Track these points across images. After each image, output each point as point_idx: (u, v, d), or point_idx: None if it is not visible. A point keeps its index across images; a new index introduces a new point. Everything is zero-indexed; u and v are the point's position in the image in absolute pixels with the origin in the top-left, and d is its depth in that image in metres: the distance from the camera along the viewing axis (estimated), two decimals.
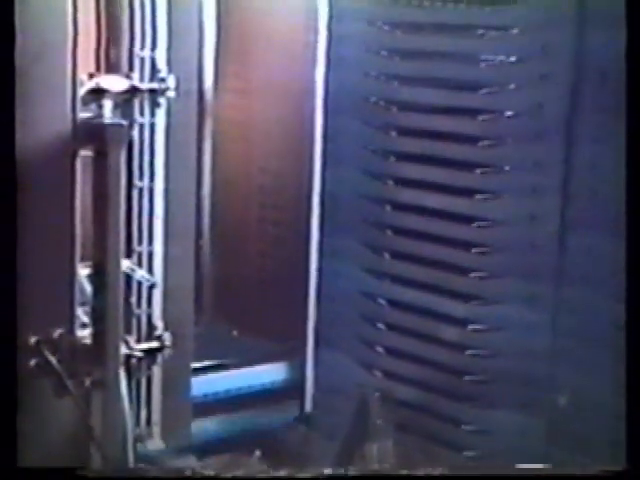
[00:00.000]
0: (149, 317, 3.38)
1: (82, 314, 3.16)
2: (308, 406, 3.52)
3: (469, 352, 2.96)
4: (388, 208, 3.11)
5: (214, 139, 4.00)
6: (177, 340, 3.34)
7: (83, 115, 3.10)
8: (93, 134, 3.10)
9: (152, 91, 3.33)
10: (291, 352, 3.69)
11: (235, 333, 4.00)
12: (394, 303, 3.12)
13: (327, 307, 3.30)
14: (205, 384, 3.65)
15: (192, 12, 3.45)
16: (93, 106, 3.18)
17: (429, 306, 3.03)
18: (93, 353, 3.10)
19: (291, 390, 3.68)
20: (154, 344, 3.32)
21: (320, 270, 3.34)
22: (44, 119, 2.99)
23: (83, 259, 3.13)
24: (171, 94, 3.35)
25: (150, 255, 3.37)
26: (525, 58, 2.75)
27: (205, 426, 3.59)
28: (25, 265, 2.96)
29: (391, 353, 3.13)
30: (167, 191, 3.39)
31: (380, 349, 3.16)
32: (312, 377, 3.45)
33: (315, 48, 3.50)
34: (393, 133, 3.08)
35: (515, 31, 2.76)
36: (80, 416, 3.03)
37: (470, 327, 2.95)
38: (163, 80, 3.34)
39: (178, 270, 3.42)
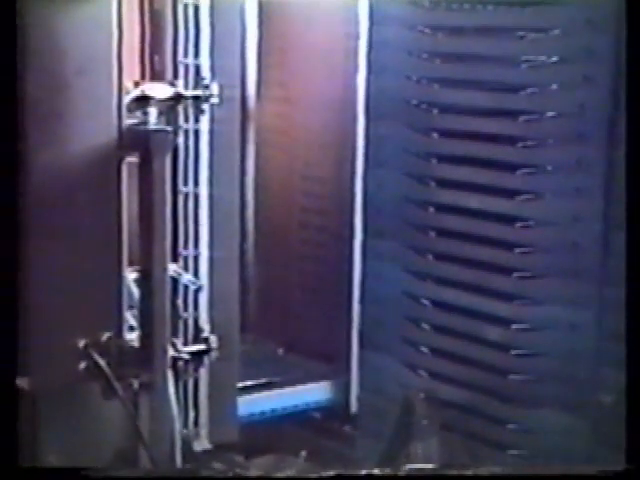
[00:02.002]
0: (195, 320, 3.41)
1: (130, 317, 3.20)
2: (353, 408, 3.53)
3: (513, 352, 2.96)
4: (431, 210, 3.10)
5: (257, 145, 4.04)
6: (223, 342, 3.37)
7: (129, 122, 3.15)
8: (139, 141, 3.14)
9: (196, 98, 3.37)
10: (336, 372, 3.69)
11: (280, 352, 4.01)
12: (438, 304, 3.11)
13: (371, 309, 3.29)
14: (251, 403, 3.66)
15: (234, 20, 3.50)
16: (138, 113, 3.23)
17: (472, 306, 3.03)
18: (141, 356, 3.14)
19: (337, 409, 3.68)
20: (201, 347, 3.35)
21: (364, 273, 3.34)
22: (91, 127, 3.05)
23: (131, 263, 3.18)
24: (214, 101, 3.39)
25: (196, 259, 3.41)
26: (566, 59, 2.75)
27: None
28: (74, 270, 3.01)
29: (435, 353, 3.13)
30: (211, 196, 3.42)
31: (424, 350, 3.15)
32: (357, 380, 3.46)
33: (356, 54, 3.52)
34: (435, 135, 3.08)
35: (556, 32, 2.76)
36: (128, 418, 3.07)
37: (513, 327, 2.94)
38: (207, 87, 3.38)
39: (223, 273, 3.45)
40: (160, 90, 3.30)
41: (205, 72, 3.39)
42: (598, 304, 2.78)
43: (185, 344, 3.35)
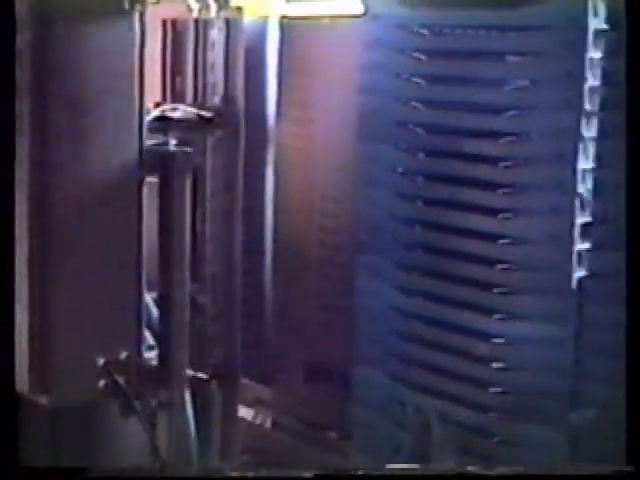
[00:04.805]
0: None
1: (149, 336, 3.23)
2: None
3: (494, 365, 3.00)
4: (418, 228, 3.17)
5: (276, 166, 4.06)
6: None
7: (149, 142, 3.17)
8: (159, 162, 3.17)
9: (216, 118, 3.39)
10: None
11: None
12: (425, 319, 3.17)
13: (364, 325, 3.34)
14: None
15: (255, 42, 3.53)
16: (159, 134, 3.25)
17: (456, 321, 3.07)
18: (159, 375, 3.16)
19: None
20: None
21: (356, 289, 3.41)
22: (112, 147, 3.07)
23: (150, 283, 3.20)
24: (235, 121, 3.41)
25: (214, 279, 3.43)
26: (546, 82, 2.82)
27: None
28: (94, 288, 3.04)
29: (422, 367, 3.18)
30: (231, 216, 3.45)
31: (413, 363, 3.21)
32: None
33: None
34: (421, 155, 3.15)
35: (536, 56, 2.83)
36: (146, 436, 3.09)
37: (494, 341, 2.99)
38: (227, 108, 3.41)
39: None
40: (180, 111, 3.34)
41: (226, 92, 3.42)
42: (575, 320, 2.82)
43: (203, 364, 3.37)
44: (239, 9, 3.50)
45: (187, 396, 3.22)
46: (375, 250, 3.29)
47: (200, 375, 3.31)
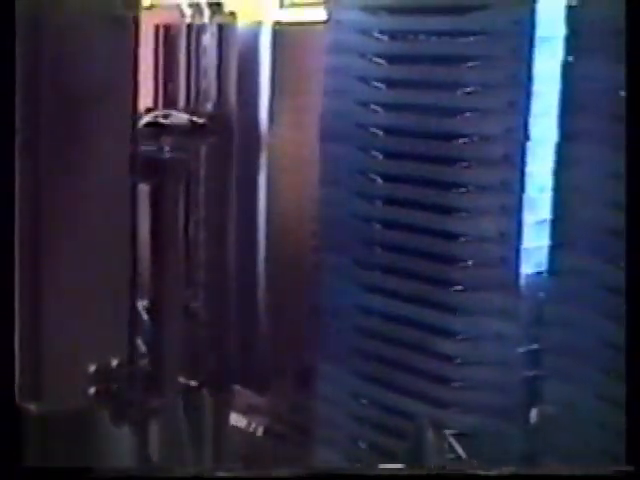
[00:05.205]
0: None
1: (141, 344, 3.21)
2: None
3: (451, 361, 3.07)
4: (377, 226, 3.24)
5: (269, 171, 4.05)
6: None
7: (142, 149, 3.16)
8: (152, 168, 3.16)
9: (209, 124, 3.39)
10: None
11: None
12: (385, 315, 3.24)
13: (328, 323, 3.41)
14: None
15: (248, 47, 3.52)
16: (152, 140, 3.25)
17: (415, 317, 3.14)
18: (151, 382, 3.15)
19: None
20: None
21: (318, 286, 3.48)
22: (105, 154, 3.06)
23: (142, 290, 3.19)
24: (227, 127, 3.41)
25: (207, 285, 3.43)
26: (494, 86, 2.91)
27: None
28: (86, 294, 3.03)
29: (382, 361, 3.24)
30: (224, 222, 3.44)
31: (374, 359, 3.27)
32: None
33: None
34: (380, 156, 3.22)
35: (484, 61, 2.93)
36: (137, 444, 3.08)
37: (451, 337, 3.07)
38: (219, 114, 3.40)
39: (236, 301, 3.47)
40: (173, 117, 3.33)
41: (218, 98, 3.41)
42: (528, 316, 2.89)
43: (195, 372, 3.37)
44: (232, 15, 3.50)
45: (179, 403, 3.21)
46: (337, 249, 3.34)
47: (192, 382, 3.30)
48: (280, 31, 3.94)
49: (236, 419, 3.79)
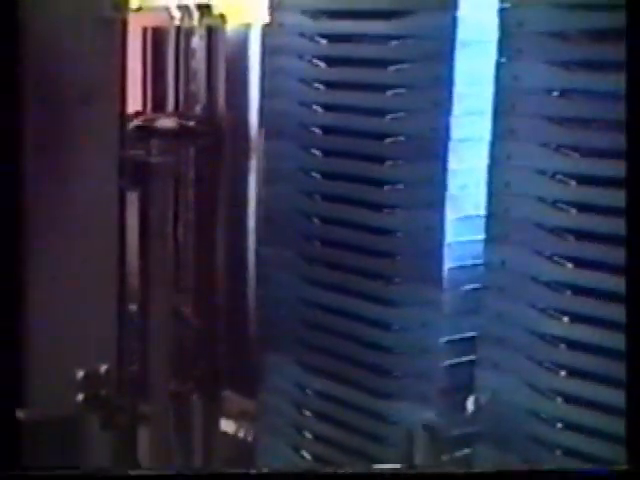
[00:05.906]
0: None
1: (130, 349, 3.20)
2: None
3: (381, 350, 3.14)
4: (317, 221, 3.34)
5: (259, 175, 4.03)
6: None
7: (130, 153, 3.14)
8: (140, 172, 3.15)
9: (197, 128, 3.37)
10: None
11: None
12: (324, 307, 3.32)
13: (272, 314, 3.47)
14: None
15: (238, 50, 3.51)
16: (140, 143, 3.23)
17: (351, 308, 3.23)
18: (141, 387, 3.13)
19: None
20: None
21: (261, 280, 3.56)
22: (92, 157, 3.04)
23: (131, 295, 3.18)
24: (216, 132, 3.39)
25: (197, 290, 3.41)
26: (419, 87, 3.02)
27: None
28: (75, 300, 3.01)
29: (322, 352, 3.31)
30: (214, 226, 3.43)
31: (313, 349, 3.33)
32: None
33: None
34: (319, 154, 3.31)
35: (412, 63, 3.03)
36: (126, 449, 3.06)
37: (382, 327, 3.14)
38: (208, 117, 3.39)
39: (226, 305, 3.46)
40: (162, 121, 3.31)
41: (207, 102, 3.40)
42: (449, 306, 3.00)
43: (185, 376, 3.35)
44: (221, 17, 3.48)
45: (169, 409, 3.20)
46: (279, 242, 3.44)
47: (182, 388, 3.29)
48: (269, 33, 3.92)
49: (226, 424, 3.77)
